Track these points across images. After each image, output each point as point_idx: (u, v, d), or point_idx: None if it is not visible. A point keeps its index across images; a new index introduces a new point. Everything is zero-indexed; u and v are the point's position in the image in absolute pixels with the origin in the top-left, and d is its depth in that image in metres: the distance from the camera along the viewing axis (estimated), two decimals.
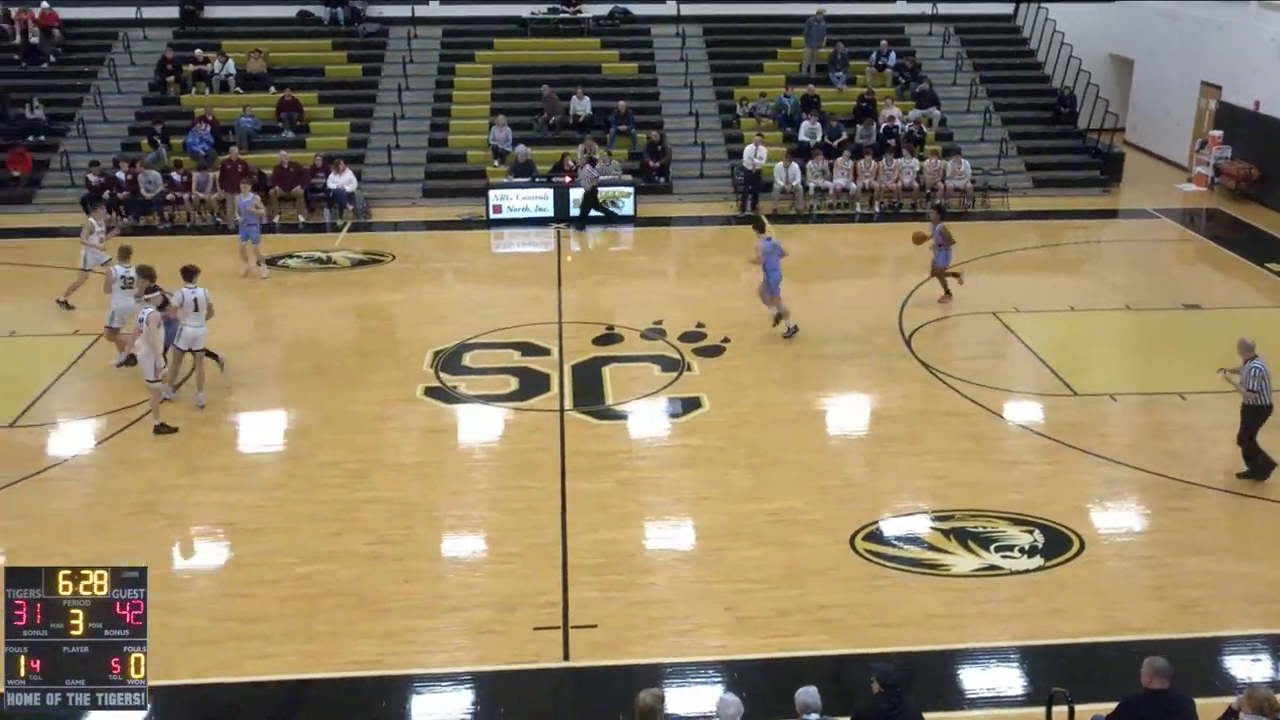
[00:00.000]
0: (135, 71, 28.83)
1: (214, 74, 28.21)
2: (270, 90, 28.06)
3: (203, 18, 30.44)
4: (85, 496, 13.44)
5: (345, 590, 11.39)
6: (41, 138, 26.76)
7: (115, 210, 24.34)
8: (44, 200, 25.51)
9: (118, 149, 26.40)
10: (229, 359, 16.84)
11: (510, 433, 15.02)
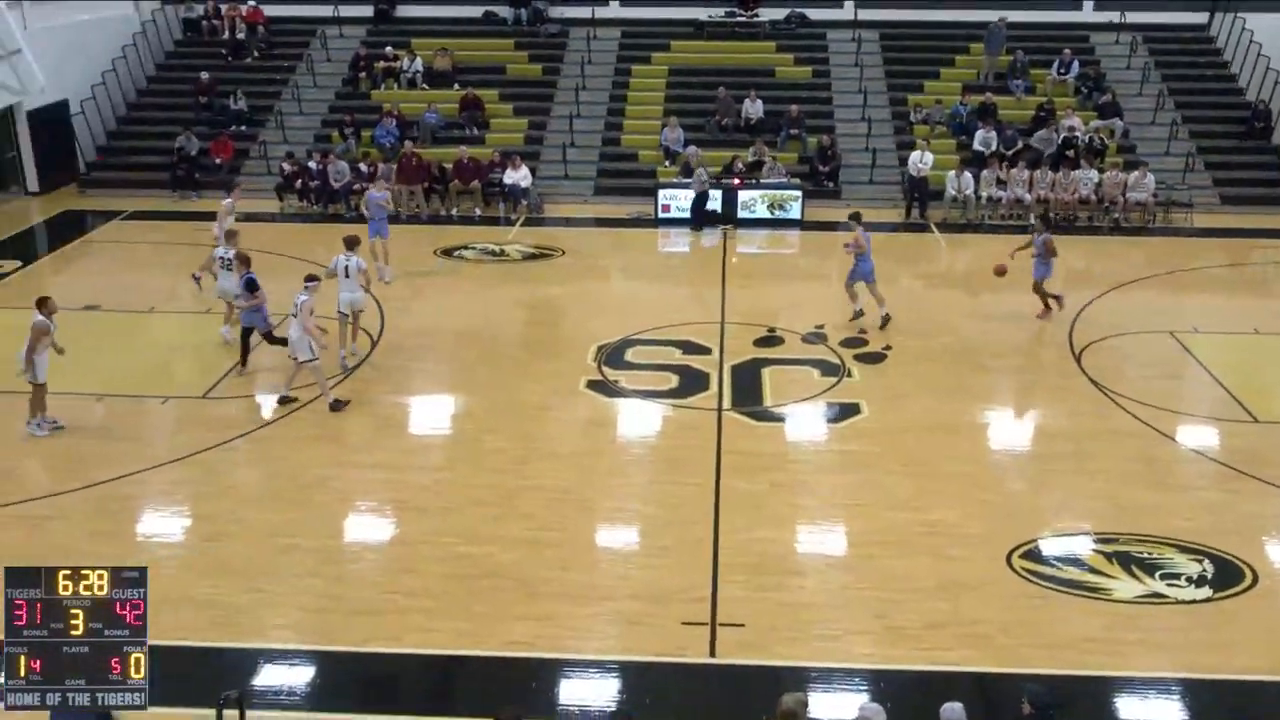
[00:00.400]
0: (330, 67, 30.06)
1: (403, 71, 29.18)
2: (454, 87, 28.86)
3: (395, 16, 31.52)
4: (265, 468, 14.09)
5: (504, 573, 11.65)
6: (243, 128, 28.16)
7: (306, 198, 25.48)
8: (243, 186, 26.75)
9: (311, 140, 27.58)
10: (402, 344, 17.42)
11: (668, 429, 15.10)
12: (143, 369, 16.89)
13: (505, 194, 25.35)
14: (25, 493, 13.29)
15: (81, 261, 22.71)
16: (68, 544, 12.20)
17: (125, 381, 16.35)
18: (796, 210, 24.86)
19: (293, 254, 22.23)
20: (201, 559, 11.98)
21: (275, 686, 10.07)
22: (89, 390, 15.97)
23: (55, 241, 24.23)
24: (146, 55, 30.38)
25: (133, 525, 12.79)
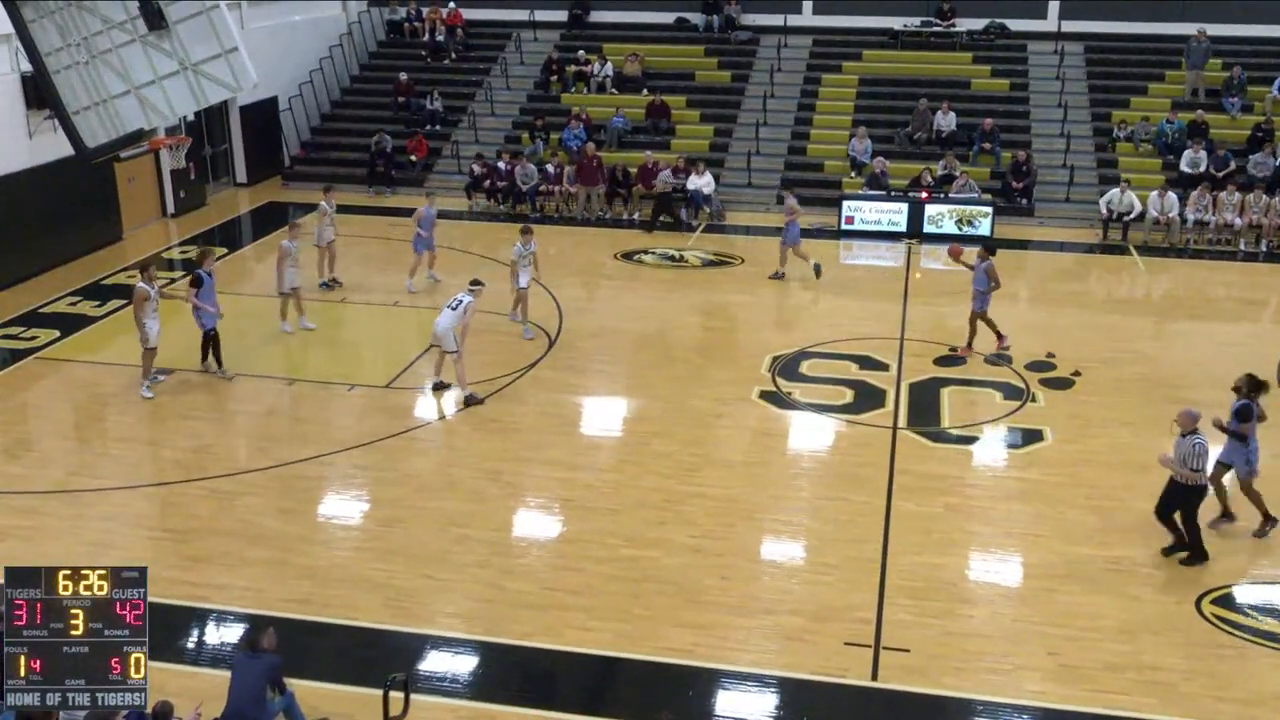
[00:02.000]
0: (523, 70, 30.82)
1: (593, 75, 29.68)
2: (642, 93, 29.19)
3: (588, 21, 32.09)
4: (443, 457, 14.55)
5: (666, 578, 11.71)
6: (437, 127, 29.14)
7: (493, 198, 26.18)
8: (434, 184, 27.68)
9: (501, 141, 28.33)
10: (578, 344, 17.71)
11: (840, 444, 14.91)
12: (332, 356, 17.66)
13: (688, 200, 25.48)
14: (219, 468, 14.07)
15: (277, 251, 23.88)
16: (254, 520, 12.87)
17: (315, 368, 17.12)
18: (986, 227, 24.20)
19: (478, 252, 22.90)
20: (376, 542, 12.44)
21: (439, 673, 10.37)
22: (281, 374, 16.79)
23: (259, 231, 25.61)
24: (351, 55, 31.78)
25: (315, 505, 13.39)
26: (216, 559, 12.07)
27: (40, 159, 21.05)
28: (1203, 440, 11.71)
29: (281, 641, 9.25)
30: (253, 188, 28.15)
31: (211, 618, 11.16)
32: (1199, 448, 11.68)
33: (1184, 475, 11.77)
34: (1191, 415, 11.82)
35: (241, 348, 17.93)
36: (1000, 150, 26.36)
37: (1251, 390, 12.58)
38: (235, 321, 19.58)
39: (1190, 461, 11.69)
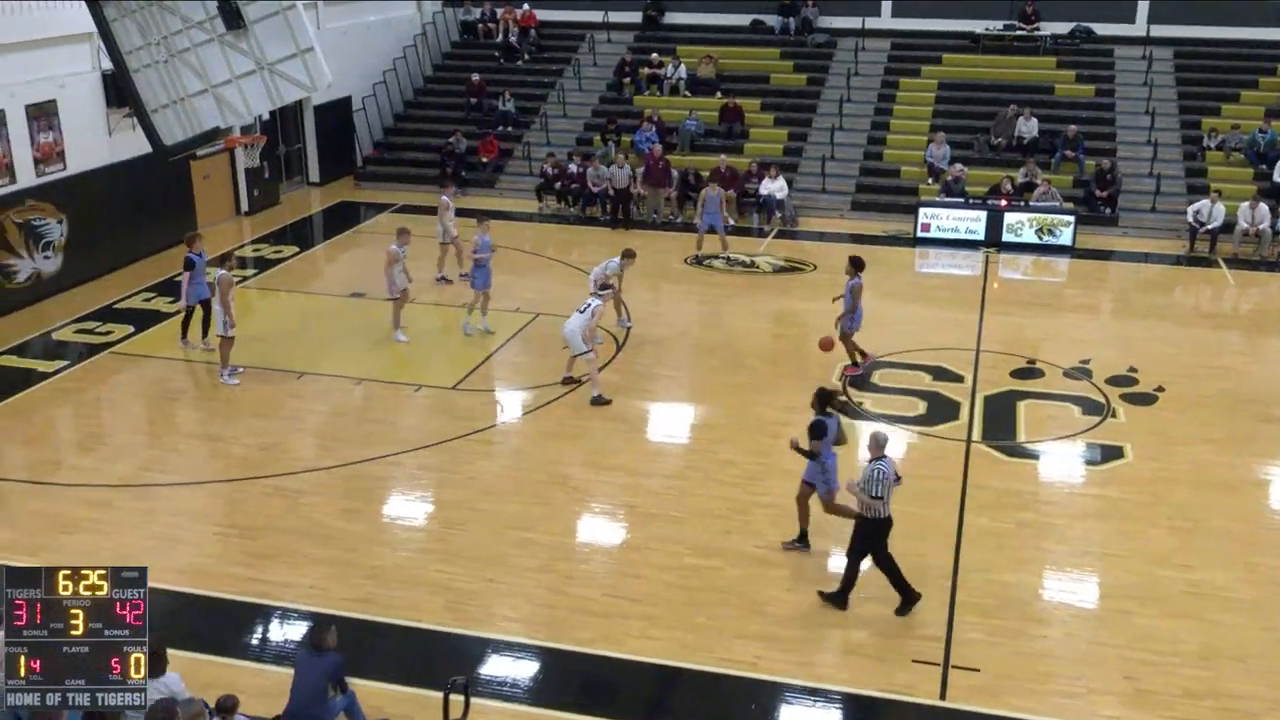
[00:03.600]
0: (596, 72, 30.97)
1: (666, 77, 29.72)
2: (716, 95, 29.17)
3: (663, 23, 32.16)
4: (508, 461, 14.65)
5: (729, 588, 11.68)
6: (509, 128, 29.38)
7: (564, 200, 26.33)
8: (505, 186, 28.02)
9: (572, 143, 28.48)
10: (646, 348, 17.75)
11: (911, 456, 14.76)
12: (399, 357, 17.87)
13: (760, 205, 25.42)
14: (286, 466, 14.31)
15: (352, 250, 24.26)
16: (319, 519, 13.07)
17: (383, 368, 17.34)
18: (1068, 236, 23.82)
19: (548, 255, 23.05)
20: (439, 544, 12.57)
21: (499, 677, 10.44)
22: (349, 374, 17.03)
23: (330, 230, 26.02)
24: (425, 56, 32.18)
25: (379, 505, 13.57)
26: (282, 557, 12.27)
27: (119, 156, 21.61)
28: (886, 465, 11.09)
29: (343, 641, 9.38)
30: (325, 187, 28.60)
31: (276, 615, 11.35)
32: (879, 473, 10.99)
33: (863, 503, 11.12)
34: (879, 439, 11.26)
35: (310, 347, 18.24)
36: (1084, 158, 25.95)
37: (822, 405, 12.19)
38: (304, 320, 19.93)
39: (869, 488, 11.01)
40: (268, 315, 19.62)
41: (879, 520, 11.13)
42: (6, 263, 19.38)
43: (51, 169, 20.38)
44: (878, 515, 11.10)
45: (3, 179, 19.38)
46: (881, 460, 11.06)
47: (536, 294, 20.45)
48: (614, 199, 25.51)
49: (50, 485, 13.85)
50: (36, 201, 19.96)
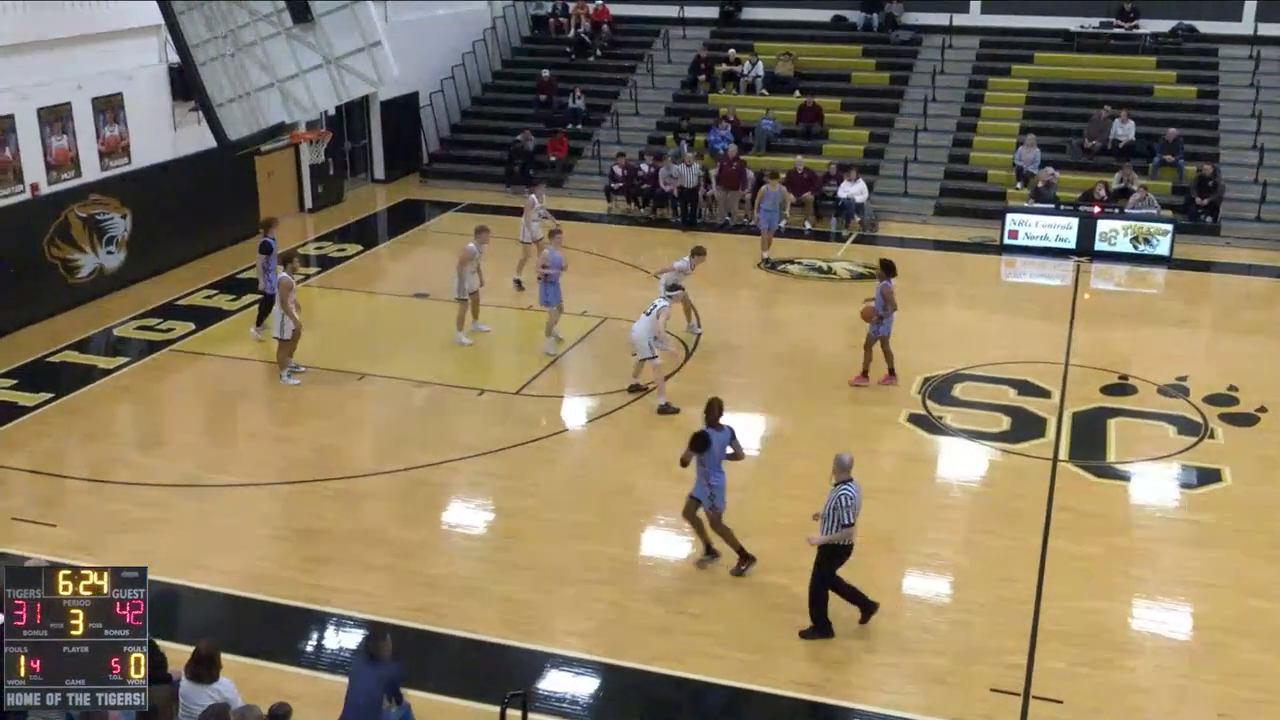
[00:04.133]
0: (670, 69, 31.01)
1: (743, 75, 29.68)
2: (794, 94, 29.06)
3: (740, 19, 32.12)
4: (571, 469, 14.71)
5: (798, 607, 11.58)
6: (579, 126, 29.53)
7: (634, 201, 26.38)
8: (574, 185, 28.15)
9: (644, 142, 28.53)
10: (716, 355, 17.72)
11: (994, 475, 14.58)
12: (462, 360, 18.02)
13: (838, 208, 25.27)
14: (345, 469, 14.50)
15: (417, 250, 24.53)
16: (377, 524, 13.23)
17: (445, 371, 17.49)
18: (1165, 246, 23.37)
19: (618, 257, 23.10)
20: (499, 553, 12.64)
21: (559, 693, 10.47)
22: (411, 376, 17.21)
23: (395, 229, 26.34)
24: (494, 51, 32.46)
25: (439, 512, 13.69)
26: (338, 562, 12.42)
27: (183, 151, 22.07)
28: (853, 489, 10.86)
29: (398, 650, 9.46)
30: (390, 185, 28.95)
31: (331, 621, 11.49)
32: (845, 499, 10.75)
33: (832, 534, 10.85)
34: (842, 461, 10.97)
35: (372, 348, 18.46)
36: (1184, 163, 25.45)
37: (710, 417, 11.95)
38: (367, 321, 20.19)
39: (841, 515, 10.74)
40: (329, 315, 19.89)
41: (844, 546, 10.95)
42: (70, 258, 19.85)
43: (116, 163, 20.86)
44: (845, 543, 10.91)
45: (68, 172, 19.87)
46: (847, 484, 10.87)
47: (604, 297, 20.50)
48: (681, 199, 25.52)
49: (109, 484, 14.17)
50: (101, 195, 20.44)
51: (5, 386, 16.72)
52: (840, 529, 10.77)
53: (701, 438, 11.85)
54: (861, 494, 10.97)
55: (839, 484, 10.86)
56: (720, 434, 11.95)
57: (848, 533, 10.80)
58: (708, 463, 11.87)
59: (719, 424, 11.98)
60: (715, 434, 11.92)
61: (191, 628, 11.11)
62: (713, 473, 11.90)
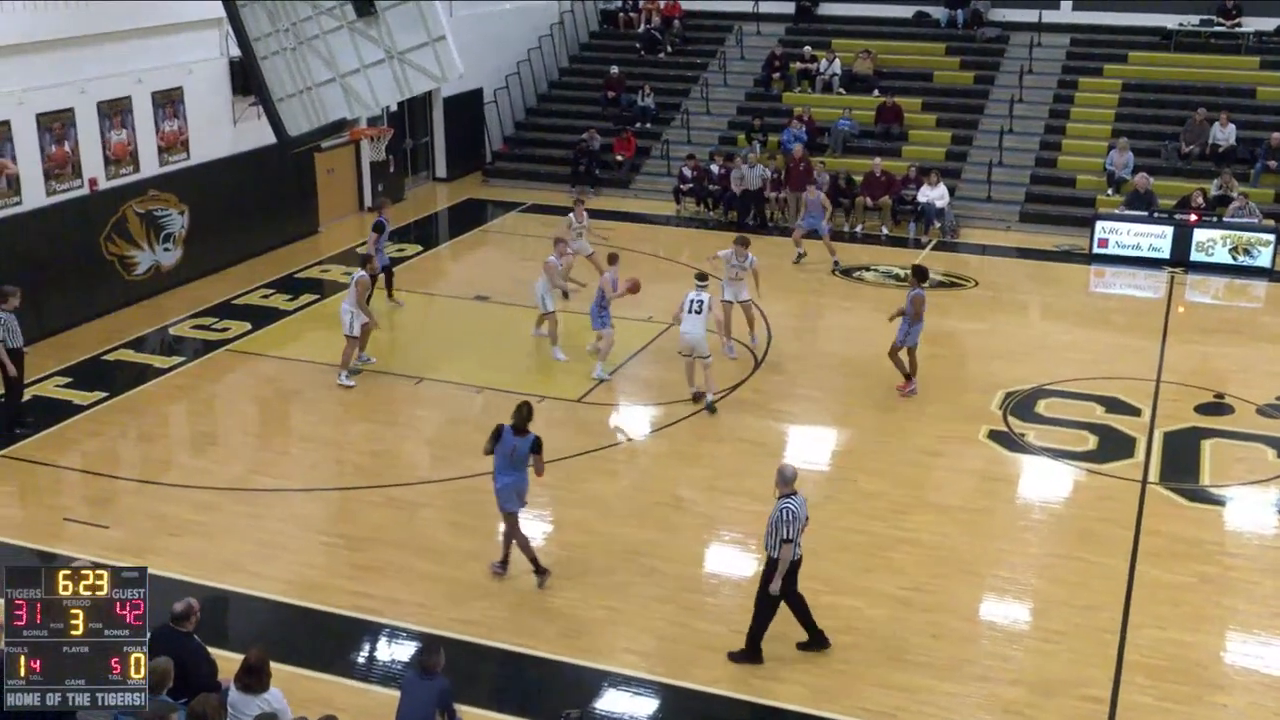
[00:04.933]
0: (743, 66, 30.99)
1: (819, 73, 29.58)
2: (873, 93, 28.91)
3: (817, 14, 32.02)
4: (631, 481, 14.73)
5: (867, 630, 11.52)
6: (648, 125, 29.60)
7: (703, 203, 26.37)
8: (640, 186, 28.22)
9: (715, 142, 28.54)
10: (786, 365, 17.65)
11: (1078, 496, 14.39)
12: (524, 365, 18.12)
13: (917, 213, 25.08)
14: (398, 476, 14.64)
15: (478, 251, 24.73)
16: (429, 533, 13.35)
17: (505, 376, 17.59)
18: (1267, 257, 22.90)
19: (685, 261, 23.10)
20: (555, 567, 12.67)
21: (616, 713, 10.49)
22: (469, 382, 17.34)
23: (456, 229, 26.58)
24: (561, 47, 32.66)
25: (493, 522, 13.72)
26: (389, 571, 12.54)
27: (242, 147, 22.46)
28: (795, 503, 10.70)
29: (451, 664, 9.52)
30: (452, 183, 29.22)
31: (383, 633, 11.60)
32: (787, 513, 10.60)
33: (772, 550, 10.74)
34: (785, 474, 10.83)
35: (430, 351, 18.64)
36: None
37: (517, 417, 11.97)
38: (425, 323, 20.39)
39: (780, 530, 10.60)
40: (387, 316, 20.09)
41: (792, 562, 10.82)
42: (126, 254, 20.27)
43: (175, 158, 21.28)
44: (792, 558, 10.80)
45: (127, 167, 20.30)
46: (790, 498, 10.74)
47: (670, 303, 20.44)
48: (743, 202, 25.50)
49: (160, 485, 14.44)
50: (159, 191, 20.86)
51: (60, 384, 17.11)
52: (782, 545, 10.67)
53: (495, 431, 11.99)
54: (806, 508, 10.87)
55: (782, 498, 10.77)
56: (521, 440, 11.93)
57: (789, 549, 10.70)
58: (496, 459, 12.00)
59: (524, 430, 11.97)
60: (515, 438, 11.92)
61: (241, 636, 11.28)
62: (497, 474, 12.02)
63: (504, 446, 11.96)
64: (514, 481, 12.04)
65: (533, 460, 11.98)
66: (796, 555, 10.84)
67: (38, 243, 18.44)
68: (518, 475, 12.03)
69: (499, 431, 11.99)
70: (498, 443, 11.97)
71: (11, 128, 18.14)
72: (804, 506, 10.84)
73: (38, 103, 18.53)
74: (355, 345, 17.20)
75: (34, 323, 18.23)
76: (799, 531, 10.72)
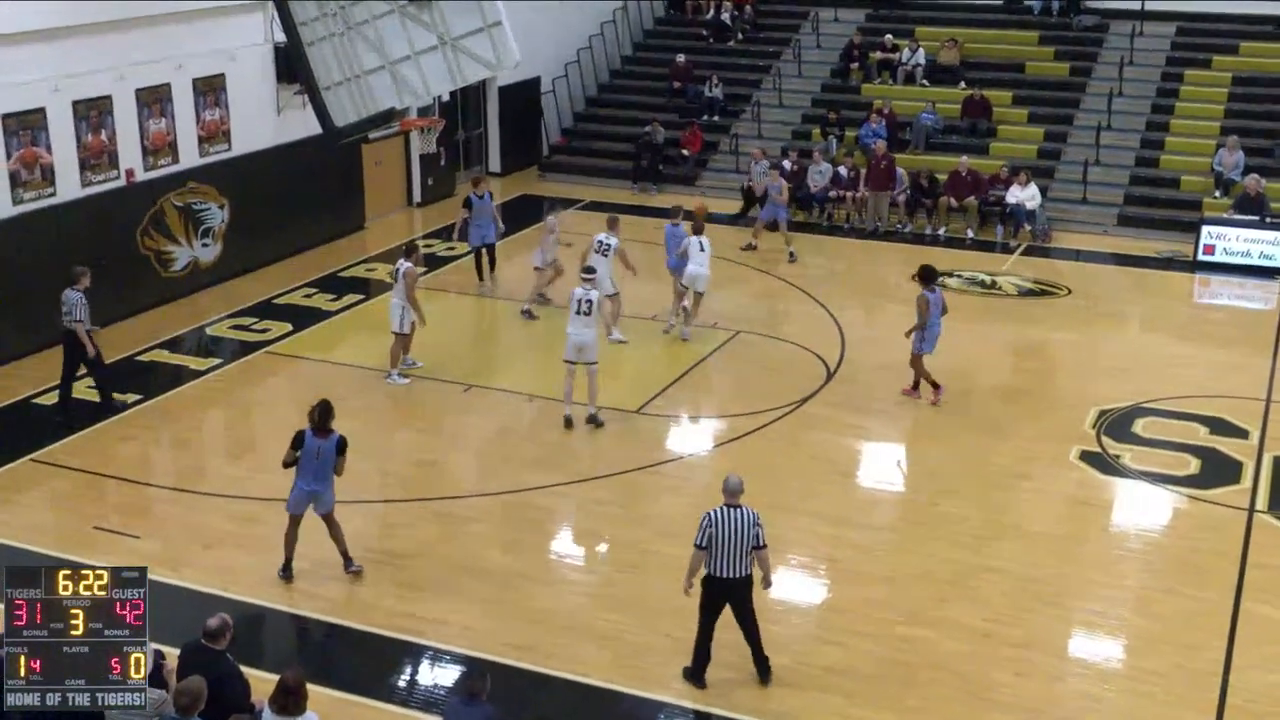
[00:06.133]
0: (819, 55, 30.95)
1: (901, 63, 29.46)
2: (959, 85, 28.75)
3: (900, 1, 31.88)
4: (693, 498, 14.67)
5: (946, 665, 11.44)
6: (715, 117, 29.62)
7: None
8: (706, 183, 28.24)
9: (788, 137, 28.52)
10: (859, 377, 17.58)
11: (1178, 524, 14.22)
12: None
13: (1006, 215, 24.89)
14: (445, 489, 14.76)
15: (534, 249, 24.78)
16: (478, 551, 13.43)
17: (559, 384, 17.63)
18: None
19: (754, 265, 23.08)
20: (610, 589, 12.72)
21: None
22: (521, 389, 17.43)
23: (510, 226, 26.63)
24: (624, 33, 32.79)
25: (546, 540, 13.84)
26: (434, 590, 12.64)
27: (286, 137, 22.76)
28: (718, 512, 10.69)
29: (496, 690, 9.57)
30: (506, 178, 29.41)
31: (426, 655, 11.69)
32: (706, 519, 10.67)
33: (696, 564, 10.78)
34: (729, 485, 10.84)
35: (480, 357, 18.78)
36: None
37: (316, 418, 12.27)
38: (475, 327, 20.54)
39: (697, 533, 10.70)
40: (435, 319, 20.15)
41: (710, 577, 10.76)
42: (164, 250, 20.61)
43: (216, 149, 21.61)
44: (711, 573, 10.71)
45: (165, 158, 20.63)
46: (720, 507, 10.74)
47: (737, 308, 20.53)
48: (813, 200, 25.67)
49: (195, 494, 14.65)
50: (198, 184, 21.19)
51: (91, 386, 17.39)
52: (695, 550, 10.70)
53: (298, 436, 12.24)
54: (744, 522, 10.72)
55: (722, 505, 10.81)
56: (324, 442, 12.18)
57: (700, 556, 10.69)
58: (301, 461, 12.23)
59: (326, 430, 12.21)
60: (317, 439, 12.16)
61: (277, 655, 11.43)
62: (296, 483, 12.29)
63: (308, 451, 12.19)
64: (317, 491, 12.34)
65: (336, 463, 12.31)
66: (723, 574, 10.72)
67: (71, 237, 18.75)
68: (323, 486, 12.33)
69: (299, 436, 12.25)
70: (299, 446, 12.19)
71: (46, 115, 18.48)
72: (747, 523, 10.74)
73: (74, 90, 18.87)
74: (404, 343, 17.38)
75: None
76: (724, 542, 10.64)
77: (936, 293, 16.97)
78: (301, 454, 12.21)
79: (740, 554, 10.71)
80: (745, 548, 10.72)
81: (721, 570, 10.72)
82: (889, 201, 25.45)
